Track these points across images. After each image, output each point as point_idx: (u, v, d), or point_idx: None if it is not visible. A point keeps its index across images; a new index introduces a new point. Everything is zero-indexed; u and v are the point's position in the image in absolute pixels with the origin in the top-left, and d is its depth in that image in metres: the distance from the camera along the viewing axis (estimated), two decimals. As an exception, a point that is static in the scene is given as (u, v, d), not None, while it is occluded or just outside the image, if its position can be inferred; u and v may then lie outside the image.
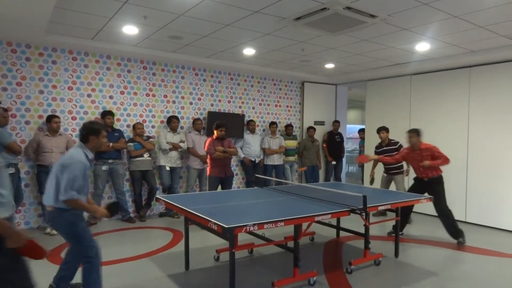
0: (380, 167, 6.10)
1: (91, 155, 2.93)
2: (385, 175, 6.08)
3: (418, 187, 4.92)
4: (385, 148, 5.91)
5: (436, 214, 6.17)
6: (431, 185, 4.82)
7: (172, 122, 6.19)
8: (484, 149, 5.88)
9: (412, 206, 4.95)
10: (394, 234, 4.62)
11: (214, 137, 5.50)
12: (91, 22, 4.49)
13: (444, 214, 4.80)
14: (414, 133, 4.87)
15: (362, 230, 4.09)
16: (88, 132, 2.93)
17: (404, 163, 5.80)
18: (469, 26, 4.41)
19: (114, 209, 3.07)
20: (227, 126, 5.58)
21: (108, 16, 4.28)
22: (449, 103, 6.34)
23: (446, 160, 4.71)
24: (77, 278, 3.05)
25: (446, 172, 5.02)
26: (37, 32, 4.72)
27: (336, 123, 8.29)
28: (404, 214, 4.90)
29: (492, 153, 5.75)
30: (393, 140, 5.94)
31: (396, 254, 4.28)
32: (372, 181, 6.16)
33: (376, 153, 5.98)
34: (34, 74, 5.35)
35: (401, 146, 5.78)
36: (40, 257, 2.20)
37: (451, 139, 6.22)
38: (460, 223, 5.93)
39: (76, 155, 2.81)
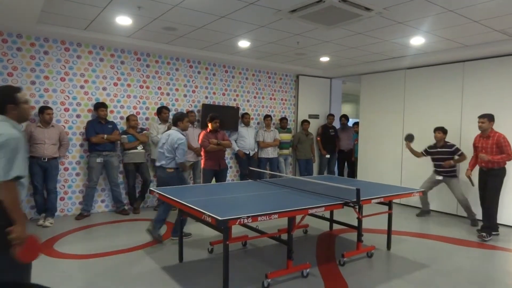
0: (429, 164, 5.77)
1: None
2: (436, 176, 5.69)
3: (481, 178, 4.88)
4: (439, 149, 5.59)
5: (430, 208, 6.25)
6: (489, 176, 4.75)
7: (162, 113, 6.11)
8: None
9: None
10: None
11: (208, 129, 5.48)
12: (84, 12, 4.43)
13: (489, 209, 4.75)
14: (485, 118, 4.64)
15: (355, 223, 4.13)
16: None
17: (457, 166, 5.64)
18: (464, 20, 4.42)
19: None
20: (221, 118, 5.57)
21: (101, 6, 4.22)
22: (442, 97, 6.37)
23: (508, 157, 4.56)
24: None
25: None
26: (28, 22, 4.65)
27: (331, 116, 8.31)
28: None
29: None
30: (449, 142, 5.59)
31: (388, 246, 4.33)
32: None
33: (427, 153, 5.71)
34: (25, 64, 5.27)
35: (457, 149, 5.52)
36: (34, 258, 2.18)
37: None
38: (453, 217, 6.03)
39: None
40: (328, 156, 8.19)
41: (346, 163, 8.56)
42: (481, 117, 4.78)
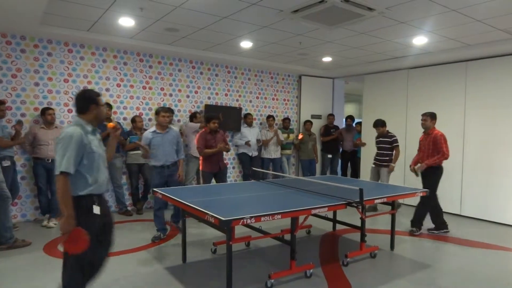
0: (371, 157, 6.25)
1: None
2: (373, 166, 6.16)
3: (422, 175, 5.04)
4: (381, 139, 6.07)
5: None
6: (425, 174, 4.94)
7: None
8: (479, 143, 5.91)
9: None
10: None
11: (207, 130, 5.34)
12: (86, 13, 4.45)
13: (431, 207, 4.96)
14: (427, 115, 4.89)
15: (358, 223, 4.12)
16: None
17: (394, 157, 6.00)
18: (467, 20, 4.40)
19: None
20: (219, 117, 5.45)
21: (104, 7, 4.24)
22: (445, 97, 6.35)
23: (442, 156, 4.75)
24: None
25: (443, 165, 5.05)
26: (32, 24, 4.68)
27: (331, 116, 8.30)
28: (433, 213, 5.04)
29: (487, 147, 5.78)
30: (391, 133, 6.06)
31: (392, 247, 4.32)
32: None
33: (376, 143, 6.16)
34: (29, 66, 5.30)
35: (395, 141, 5.95)
36: (79, 250, 2.24)
37: (447, 133, 6.16)
38: (455, 216, 6.02)
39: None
40: (330, 156, 8.18)
41: (349, 164, 8.55)
42: (423, 115, 4.96)
